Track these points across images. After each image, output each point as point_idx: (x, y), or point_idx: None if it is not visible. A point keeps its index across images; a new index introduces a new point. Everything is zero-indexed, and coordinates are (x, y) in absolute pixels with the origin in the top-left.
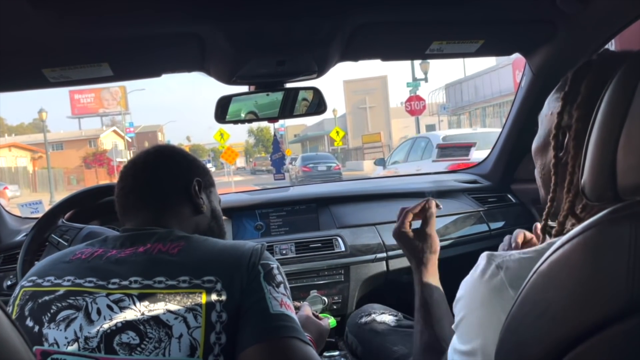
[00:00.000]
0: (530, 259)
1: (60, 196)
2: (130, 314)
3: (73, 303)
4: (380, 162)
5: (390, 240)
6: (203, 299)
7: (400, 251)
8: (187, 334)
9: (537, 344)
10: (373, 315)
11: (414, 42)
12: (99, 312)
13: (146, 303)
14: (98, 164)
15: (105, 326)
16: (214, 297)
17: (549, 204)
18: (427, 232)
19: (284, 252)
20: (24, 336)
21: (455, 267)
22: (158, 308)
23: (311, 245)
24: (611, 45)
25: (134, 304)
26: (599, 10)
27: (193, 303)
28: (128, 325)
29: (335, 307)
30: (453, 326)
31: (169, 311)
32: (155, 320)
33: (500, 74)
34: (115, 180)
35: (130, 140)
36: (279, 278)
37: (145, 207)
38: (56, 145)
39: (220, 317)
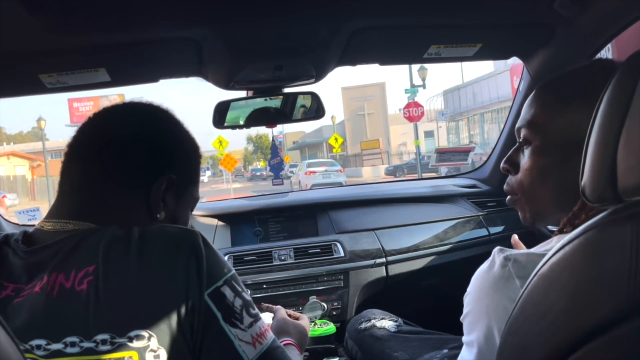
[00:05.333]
0: (539, 254)
1: None
2: None
3: None
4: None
5: (390, 245)
6: None
7: (399, 256)
8: None
9: (538, 347)
10: (373, 321)
11: (412, 47)
12: None
13: None
14: None
15: None
16: (149, 359)
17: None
18: None
19: (282, 257)
20: (17, 346)
21: (455, 271)
22: None
23: (310, 251)
24: (608, 50)
25: None
26: (596, 13)
27: None
28: None
29: (334, 313)
30: (461, 318)
31: None
32: None
33: (498, 80)
34: None
35: None
36: (238, 303)
37: (77, 189)
38: (55, 153)
39: None
